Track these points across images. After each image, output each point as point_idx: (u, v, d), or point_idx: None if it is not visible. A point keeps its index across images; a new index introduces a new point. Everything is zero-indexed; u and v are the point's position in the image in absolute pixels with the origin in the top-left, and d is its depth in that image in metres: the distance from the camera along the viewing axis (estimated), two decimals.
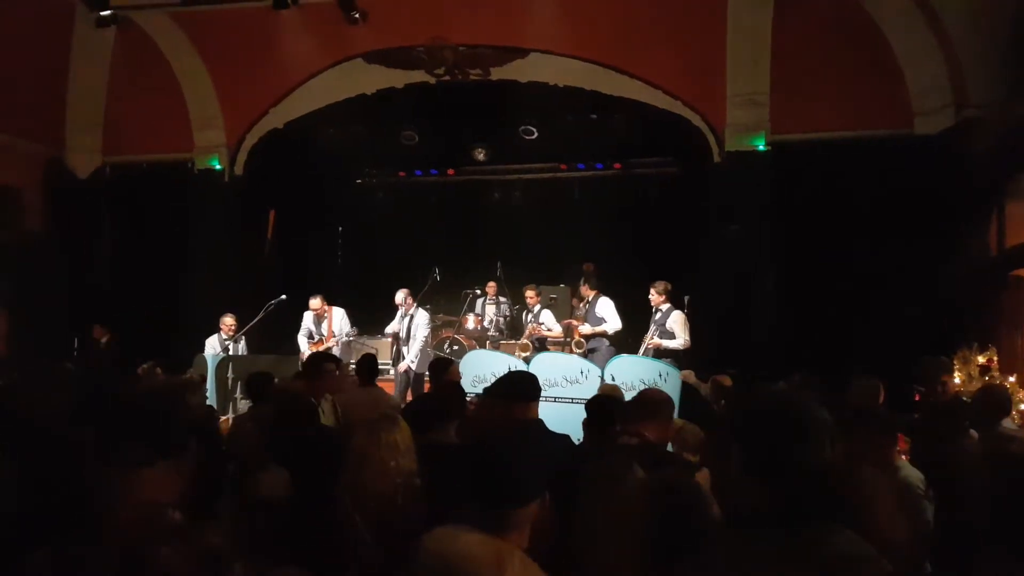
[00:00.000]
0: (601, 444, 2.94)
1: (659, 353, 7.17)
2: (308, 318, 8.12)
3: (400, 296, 8.05)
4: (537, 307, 8.50)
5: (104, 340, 9.04)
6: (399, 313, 8.06)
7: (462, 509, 1.66)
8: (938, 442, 3.36)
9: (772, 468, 1.53)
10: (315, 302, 8.02)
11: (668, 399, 3.24)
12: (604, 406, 3.51)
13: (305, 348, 7.99)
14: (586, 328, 7.78)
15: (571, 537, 1.90)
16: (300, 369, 5.94)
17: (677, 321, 7.20)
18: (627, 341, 7.74)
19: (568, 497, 1.93)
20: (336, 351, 7.70)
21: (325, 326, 8.11)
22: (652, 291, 7.38)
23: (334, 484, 2.29)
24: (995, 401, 4.10)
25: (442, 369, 5.39)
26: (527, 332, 8.39)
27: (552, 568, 1.64)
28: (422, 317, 8.08)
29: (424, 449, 2.54)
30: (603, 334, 7.69)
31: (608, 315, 7.72)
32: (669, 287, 7.36)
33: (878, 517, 1.99)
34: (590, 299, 7.96)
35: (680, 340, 7.15)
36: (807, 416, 1.59)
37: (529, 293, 8.56)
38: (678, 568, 1.58)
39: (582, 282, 8.19)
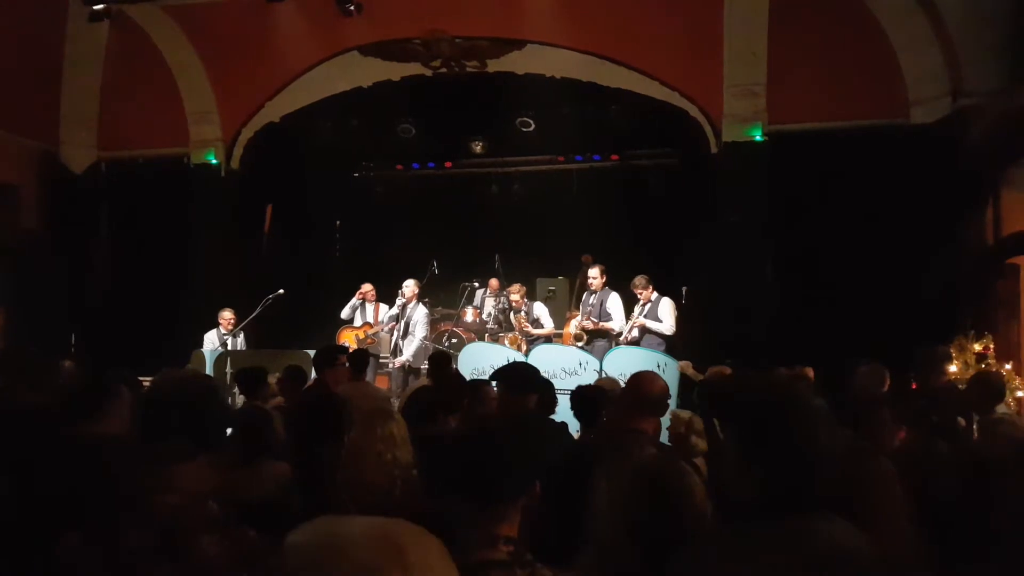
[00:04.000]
0: (598, 435, 2.94)
1: (642, 331, 7.29)
2: (354, 303, 8.47)
3: (408, 285, 8.06)
4: (525, 304, 8.26)
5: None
6: (398, 301, 8.08)
7: (455, 501, 1.66)
8: (929, 430, 3.36)
9: (765, 456, 1.53)
10: (366, 286, 8.43)
11: (664, 390, 3.10)
12: (587, 398, 3.52)
13: (346, 315, 8.44)
14: (590, 324, 7.52)
15: (567, 528, 1.90)
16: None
17: (666, 307, 7.37)
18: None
19: (562, 487, 1.93)
20: (380, 335, 8.23)
21: (371, 314, 8.32)
22: (635, 289, 7.41)
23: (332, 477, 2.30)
24: (990, 388, 4.13)
25: (443, 362, 5.41)
26: (516, 327, 8.24)
27: (545, 558, 1.64)
28: (421, 314, 8.09)
29: (422, 442, 2.55)
30: (610, 331, 7.58)
31: (617, 313, 7.60)
32: (648, 278, 7.44)
33: (877, 505, 1.99)
34: (598, 292, 7.73)
35: (666, 325, 7.28)
36: (801, 404, 1.59)
37: (514, 297, 8.18)
38: (669, 558, 1.58)
39: (597, 274, 7.73)
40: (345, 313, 8.49)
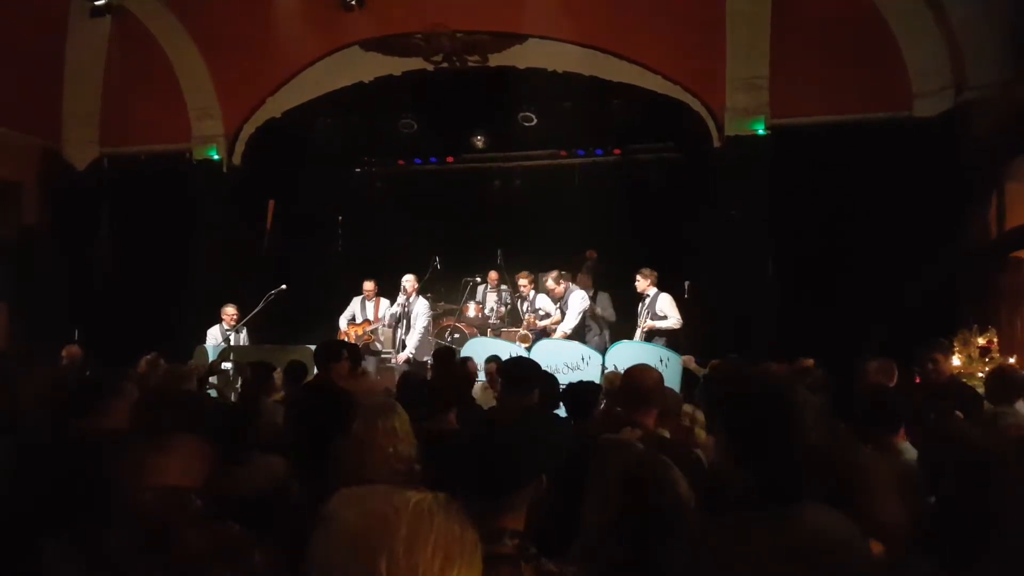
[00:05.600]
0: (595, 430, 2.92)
1: (652, 334, 7.34)
2: (355, 302, 8.45)
3: (408, 280, 8.08)
4: (531, 293, 8.42)
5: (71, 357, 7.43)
6: (400, 298, 8.09)
7: (462, 496, 1.66)
8: (926, 423, 3.36)
9: (755, 449, 1.54)
10: (368, 284, 8.43)
11: (658, 381, 3.04)
12: (577, 394, 3.51)
13: (344, 327, 8.37)
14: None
15: (565, 521, 1.91)
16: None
17: (666, 302, 7.46)
18: (623, 328, 7.77)
19: (559, 482, 1.93)
20: (380, 331, 8.31)
21: (371, 310, 8.32)
22: (638, 278, 7.51)
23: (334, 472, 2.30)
24: (1008, 382, 4.10)
25: (447, 358, 5.42)
26: (524, 323, 8.34)
27: (546, 551, 1.64)
28: (422, 306, 8.11)
29: (423, 435, 2.55)
30: (564, 336, 7.66)
31: (572, 310, 7.75)
32: (655, 273, 7.55)
33: (874, 499, 1.99)
34: (563, 296, 7.92)
35: (672, 319, 7.39)
36: (792, 400, 1.60)
37: (522, 281, 8.44)
38: (661, 548, 1.59)
39: (552, 284, 8.05)
40: (343, 323, 8.47)
